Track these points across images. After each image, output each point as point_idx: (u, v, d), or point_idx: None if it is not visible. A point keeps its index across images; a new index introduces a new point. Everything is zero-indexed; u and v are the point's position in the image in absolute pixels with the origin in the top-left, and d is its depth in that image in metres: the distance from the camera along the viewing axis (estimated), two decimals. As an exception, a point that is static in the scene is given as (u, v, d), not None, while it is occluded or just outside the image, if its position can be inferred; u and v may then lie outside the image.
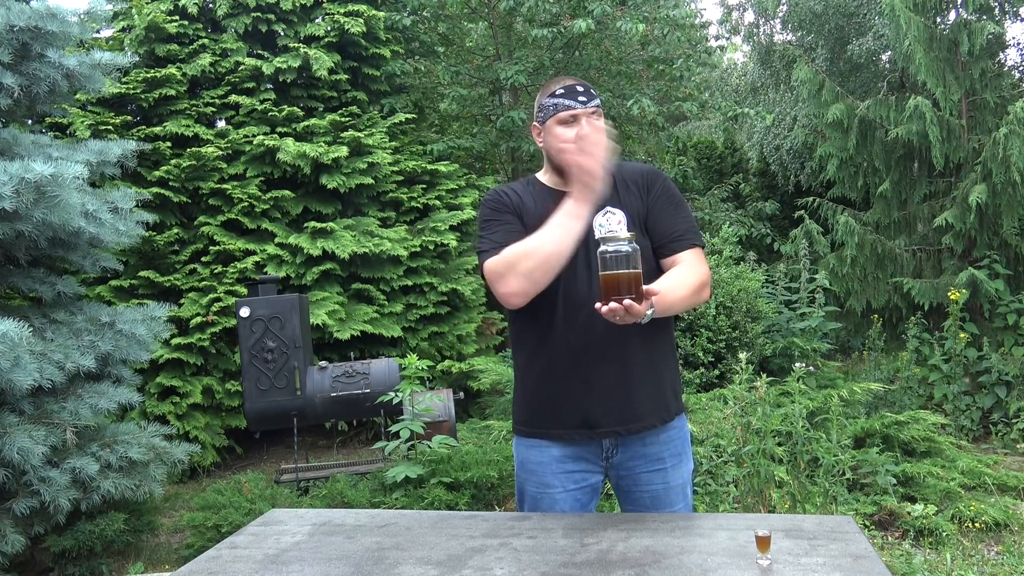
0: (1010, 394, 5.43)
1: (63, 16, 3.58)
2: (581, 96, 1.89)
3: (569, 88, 1.90)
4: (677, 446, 1.97)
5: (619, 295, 1.59)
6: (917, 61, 6.32)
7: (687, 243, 1.91)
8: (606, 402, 1.88)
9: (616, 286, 1.60)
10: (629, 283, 1.60)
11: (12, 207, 3.15)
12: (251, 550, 1.75)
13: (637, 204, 1.94)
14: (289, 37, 6.93)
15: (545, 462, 1.95)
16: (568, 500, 1.95)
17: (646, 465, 1.94)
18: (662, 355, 1.96)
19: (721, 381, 5.40)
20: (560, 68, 7.80)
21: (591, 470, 1.96)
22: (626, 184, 1.97)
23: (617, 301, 1.58)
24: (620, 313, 1.60)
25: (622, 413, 1.89)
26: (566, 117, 1.88)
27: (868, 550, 1.55)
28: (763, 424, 3.33)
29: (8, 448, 3.08)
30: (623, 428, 1.91)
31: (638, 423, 1.91)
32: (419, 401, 4.25)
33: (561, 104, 1.89)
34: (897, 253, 6.98)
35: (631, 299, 1.58)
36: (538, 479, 1.96)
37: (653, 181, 1.99)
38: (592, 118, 1.87)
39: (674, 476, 1.96)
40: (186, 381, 5.60)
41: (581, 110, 1.87)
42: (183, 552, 3.90)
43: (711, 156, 13.51)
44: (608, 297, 1.60)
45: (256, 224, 6.19)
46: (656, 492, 1.95)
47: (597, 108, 1.91)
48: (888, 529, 3.71)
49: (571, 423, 1.92)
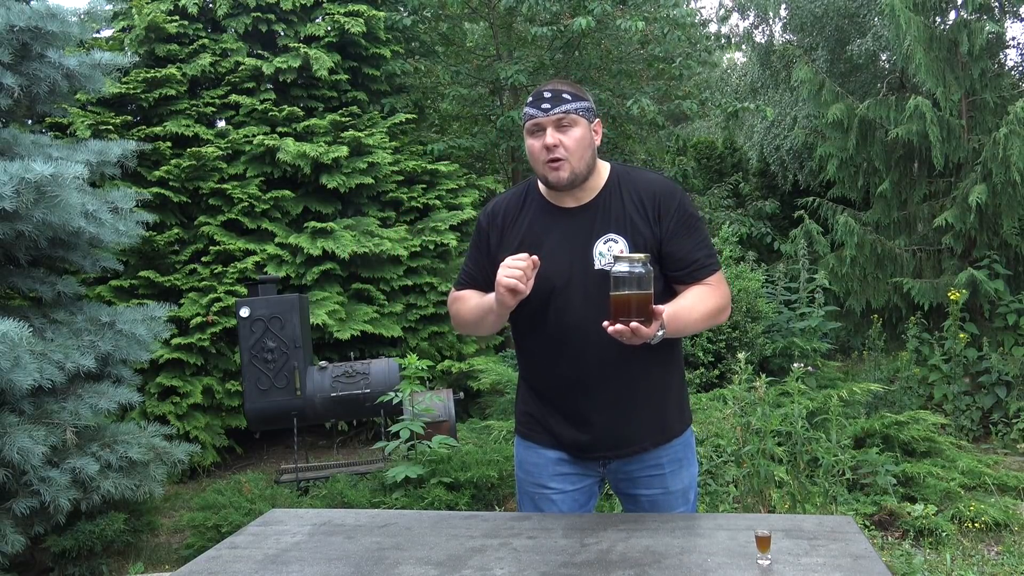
0: (1010, 394, 5.42)
1: (63, 16, 3.57)
2: (544, 103, 1.79)
3: (537, 95, 1.81)
4: (678, 452, 1.94)
5: (628, 316, 1.58)
6: (917, 61, 6.32)
7: (708, 271, 1.83)
8: (598, 431, 1.86)
9: (626, 307, 1.59)
10: (639, 305, 1.59)
11: (12, 207, 3.14)
12: (251, 550, 1.75)
13: (645, 231, 1.81)
14: (289, 37, 6.93)
15: (542, 464, 1.95)
16: (566, 501, 1.94)
17: (644, 471, 1.92)
18: (667, 374, 1.92)
19: (721, 381, 5.40)
20: (560, 67, 7.80)
21: (588, 473, 1.95)
22: (634, 205, 1.84)
23: (624, 323, 1.58)
24: (627, 335, 1.58)
25: (615, 440, 1.88)
26: (531, 127, 1.82)
27: (868, 550, 1.55)
28: (763, 424, 3.34)
29: (8, 448, 3.08)
30: (614, 453, 1.90)
31: (631, 447, 1.89)
32: (419, 401, 4.25)
33: (527, 114, 1.82)
34: (897, 253, 6.98)
35: (639, 321, 1.58)
36: (535, 480, 1.96)
37: (667, 206, 1.83)
38: (555, 126, 1.78)
39: (673, 482, 1.94)
40: (186, 381, 5.60)
41: (543, 118, 1.79)
42: (183, 552, 3.90)
43: (711, 156, 13.50)
44: (617, 318, 1.59)
45: (256, 224, 6.19)
46: (654, 497, 1.94)
47: (564, 114, 1.78)
48: (888, 529, 3.71)
49: (563, 443, 1.92)
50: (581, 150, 1.80)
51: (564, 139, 1.78)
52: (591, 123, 1.84)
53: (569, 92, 1.81)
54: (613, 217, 1.83)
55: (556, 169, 1.79)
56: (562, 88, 1.82)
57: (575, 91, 1.83)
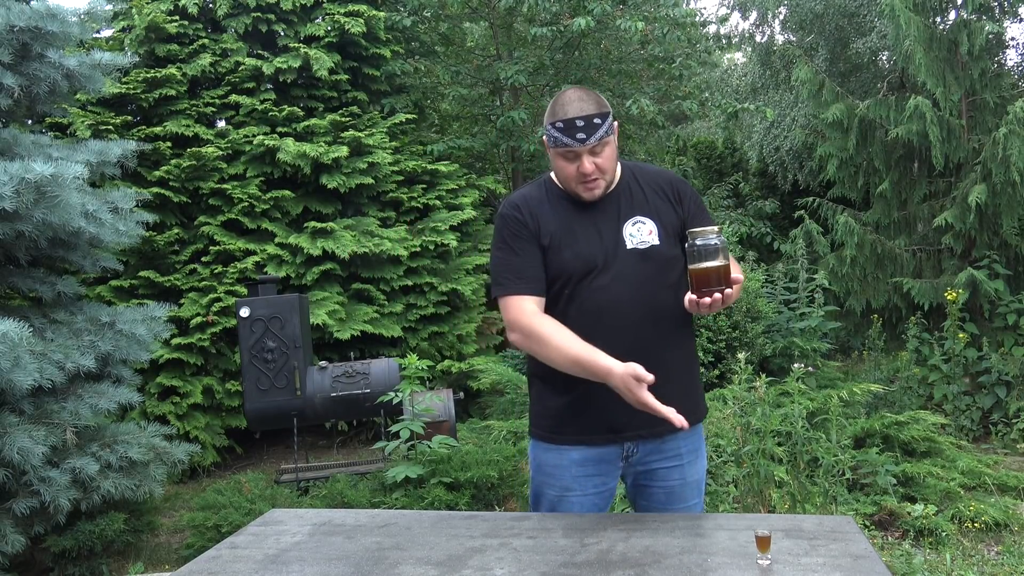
0: (1010, 394, 5.42)
1: (63, 16, 3.58)
2: (579, 133, 1.79)
3: (567, 123, 1.79)
4: (695, 442, 1.99)
5: (710, 286, 1.67)
6: (917, 61, 6.32)
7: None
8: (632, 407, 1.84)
9: (707, 278, 1.68)
10: (720, 274, 1.68)
11: (12, 207, 3.15)
12: (251, 550, 1.75)
13: (670, 213, 1.93)
14: (289, 37, 6.93)
15: (564, 465, 1.94)
16: (586, 504, 1.94)
17: (664, 460, 1.95)
18: (689, 359, 1.98)
19: (721, 381, 5.40)
20: (560, 68, 7.80)
21: (610, 473, 1.96)
22: (654, 192, 1.94)
23: (708, 294, 1.67)
24: (717, 304, 1.66)
25: (650, 416, 1.85)
26: (564, 152, 1.84)
27: (868, 550, 1.55)
28: (763, 424, 3.34)
29: (8, 448, 3.08)
30: (648, 431, 1.90)
31: (664, 424, 1.85)
32: (419, 401, 4.25)
33: (560, 140, 1.82)
34: (897, 253, 6.98)
35: (720, 290, 1.67)
36: (557, 482, 1.95)
37: (683, 190, 1.97)
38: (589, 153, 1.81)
39: (691, 472, 1.98)
40: (186, 381, 5.60)
41: (579, 148, 1.81)
42: (183, 552, 3.90)
43: (711, 156, 13.50)
44: (699, 289, 1.68)
45: (256, 224, 6.19)
46: (672, 487, 1.96)
47: (600, 141, 1.81)
48: (888, 529, 3.71)
49: (596, 429, 1.91)
50: (613, 164, 1.90)
51: (599, 162, 1.84)
52: (612, 127, 1.87)
53: (598, 114, 1.80)
54: (636, 202, 1.93)
55: (592, 189, 1.88)
56: (589, 110, 1.80)
57: (599, 107, 1.81)
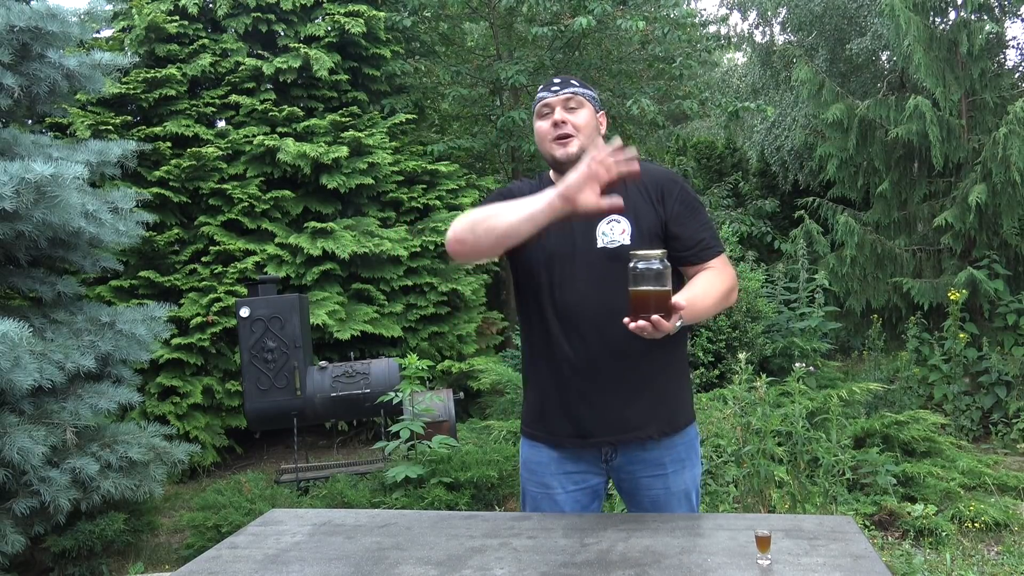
0: (1010, 394, 5.42)
1: (63, 16, 3.58)
2: (554, 86, 1.89)
3: (547, 83, 1.92)
4: (681, 452, 1.94)
5: (647, 312, 1.59)
6: (917, 61, 6.32)
7: (714, 251, 1.88)
8: (600, 413, 1.86)
9: (645, 303, 1.60)
10: (658, 300, 1.60)
11: (12, 207, 3.15)
12: (251, 550, 1.75)
13: (649, 214, 1.86)
14: (289, 37, 6.93)
15: (545, 463, 1.95)
16: (568, 501, 1.94)
17: (646, 470, 1.92)
18: (670, 365, 1.92)
19: (721, 381, 5.40)
20: (560, 68, 7.80)
21: (591, 471, 1.95)
22: (639, 191, 1.88)
23: (645, 318, 1.59)
24: (648, 330, 1.60)
25: (617, 424, 1.87)
26: (541, 109, 1.91)
27: (868, 550, 1.55)
28: (763, 424, 3.34)
29: (8, 448, 3.08)
30: (615, 438, 1.88)
31: (634, 433, 1.87)
32: (419, 401, 4.25)
33: (538, 98, 1.91)
34: (897, 253, 6.98)
35: (660, 316, 1.59)
36: (538, 479, 1.96)
37: (670, 189, 1.89)
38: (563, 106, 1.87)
39: (675, 482, 1.93)
40: (186, 381, 5.60)
41: (552, 98, 1.88)
42: (183, 552, 3.90)
43: (711, 156, 13.50)
44: (637, 313, 1.61)
45: (256, 224, 6.19)
46: (656, 497, 1.93)
47: (572, 95, 1.88)
48: (888, 529, 3.71)
49: (563, 431, 1.91)
50: (588, 130, 1.89)
51: (571, 118, 1.87)
52: (597, 112, 1.93)
53: (577, 80, 1.93)
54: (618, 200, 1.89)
55: (564, 145, 1.87)
56: (571, 77, 1.94)
57: (583, 82, 1.94)
